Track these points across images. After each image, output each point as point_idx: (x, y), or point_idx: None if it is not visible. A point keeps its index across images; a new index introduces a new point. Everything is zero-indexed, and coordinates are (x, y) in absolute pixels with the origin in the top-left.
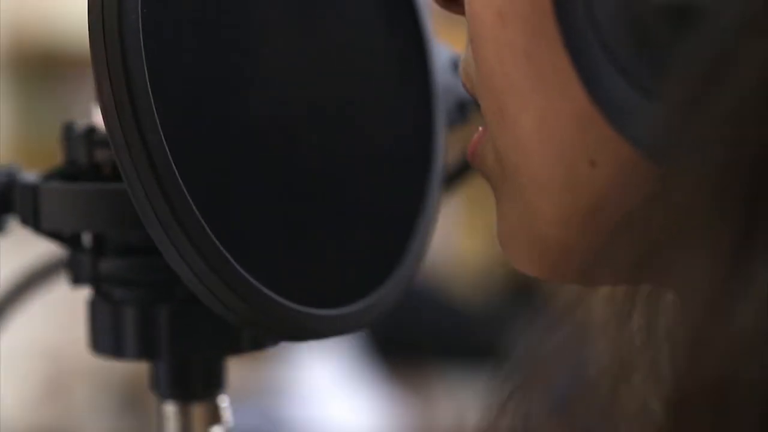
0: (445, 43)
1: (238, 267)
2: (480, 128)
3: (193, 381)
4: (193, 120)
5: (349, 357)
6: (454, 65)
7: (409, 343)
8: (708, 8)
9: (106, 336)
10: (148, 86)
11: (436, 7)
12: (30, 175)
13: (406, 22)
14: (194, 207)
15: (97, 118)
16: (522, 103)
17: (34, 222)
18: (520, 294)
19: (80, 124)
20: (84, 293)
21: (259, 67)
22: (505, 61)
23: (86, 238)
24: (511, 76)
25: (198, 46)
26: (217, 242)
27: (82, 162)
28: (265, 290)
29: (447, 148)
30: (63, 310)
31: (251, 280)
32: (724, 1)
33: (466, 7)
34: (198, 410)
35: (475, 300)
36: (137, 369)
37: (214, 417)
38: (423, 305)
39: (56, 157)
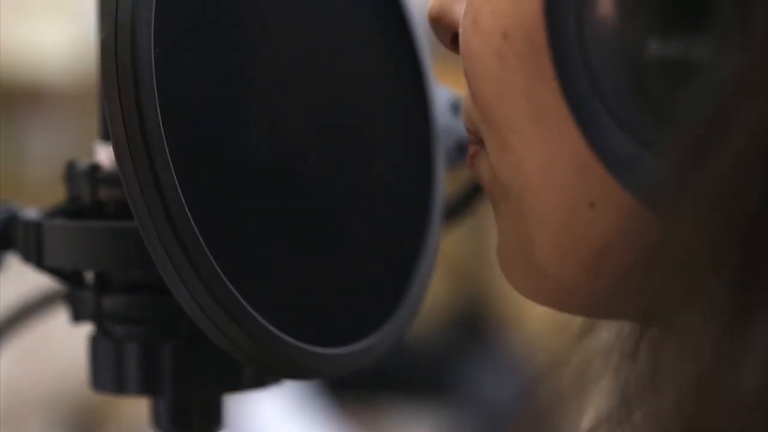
0: (445, 84)
1: (246, 306)
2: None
3: (194, 418)
4: (203, 159)
5: (297, 391)
6: (453, 107)
7: (359, 378)
8: (703, 63)
9: (108, 372)
10: (161, 125)
11: (435, 48)
12: (31, 212)
13: (408, 64)
14: (205, 247)
15: (101, 156)
16: (523, 140)
17: (37, 259)
18: (470, 330)
19: (83, 161)
20: (41, 326)
21: (268, 107)
22: (505, 100)
23: (88, 275)
24: (511, 115)
25: (208, 84)
26: (227, 282)
27: (86, 199)
28: (273, 329)
29: (445, 188)
30: (18, 342)
31: (259, 318)
32: (718, 58)
33: (462, 44)
34: None
35: (426, 335)
36: (90, 400)
37: None
38: None
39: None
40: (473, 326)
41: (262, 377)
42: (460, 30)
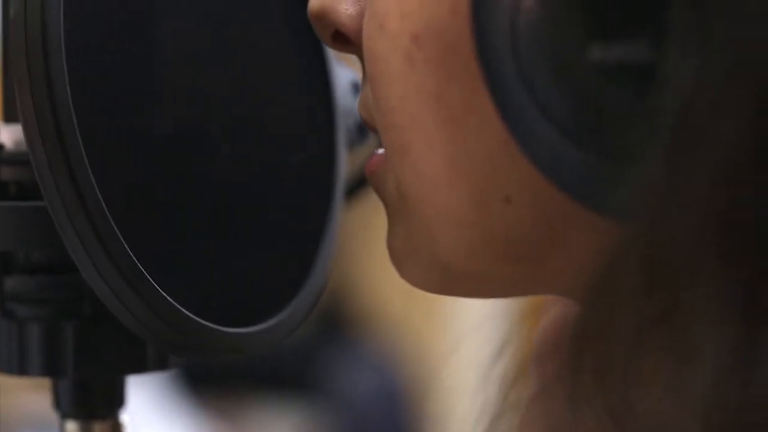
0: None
1: (155, 285)
2: (378, 151)
3: (96, 399)
4: (112, 136)
5: (160, 387)
6: (354, 87)
7: (221, 373)
8: (656, 69)
9: (10, 354)
10: (71, 103)
11: None
12: None
13: (310, 45)
14: (114, 225)
15: (3, 136)
16: (428, 141)
17: None
18: (330, 326)
19: None
20: None
21: (173, 85)
22: (411, 101)
23: None
24: (416, 116)
25: (115, 59)
26: (136, 261)
27: None
28: (180, 308)
29: (347, 167)
30: None
31: (167, 297)
32: (675, 63)
33: (367, 47)
34: (99, 428)
35: None
36: None
37: None
38: None
39: None
40: (334, 321)
41: (165, 358)
42: (365, 34)
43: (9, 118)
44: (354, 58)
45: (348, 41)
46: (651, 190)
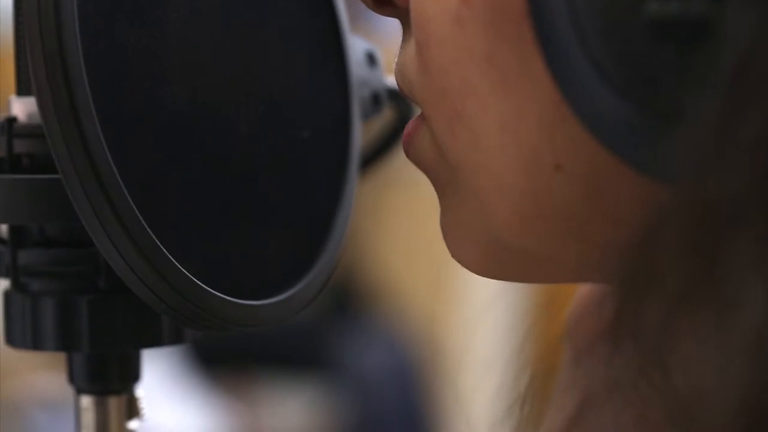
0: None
1: (170, 256)
2: (413, 120)
3: (111, 373)
4: (126, 109)
5: (172, 365)
6: (369, 57)
7: (233, 351)
8: (713, 26)
9: (24, 328)
10: (85, 77)
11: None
12: None
13: (324, 16)
14: (129, 198)
15: (16, 110)
16: (482, 105)
17: None
18: (342, 302)
19: None
20: None
21: (186, 61)
22: (463, 65)
23: (2, 230)
24: (469, 80)
25: (129, 32)
26: (151, 232)
27: (1, 153)
28: (195, 280)
29: (362, 140)
30: None
31: (182, 269)
32: (733, 19)
33: (414, 10)
34: (114, 403)
35: None
36: None
37: (131, 409)
38: None
39: None
40: (344, 298)
41: (180, 331)
42: None
43: (22, 92)
44: (369, 29)
45: (391, 4)
46: (701, 146)
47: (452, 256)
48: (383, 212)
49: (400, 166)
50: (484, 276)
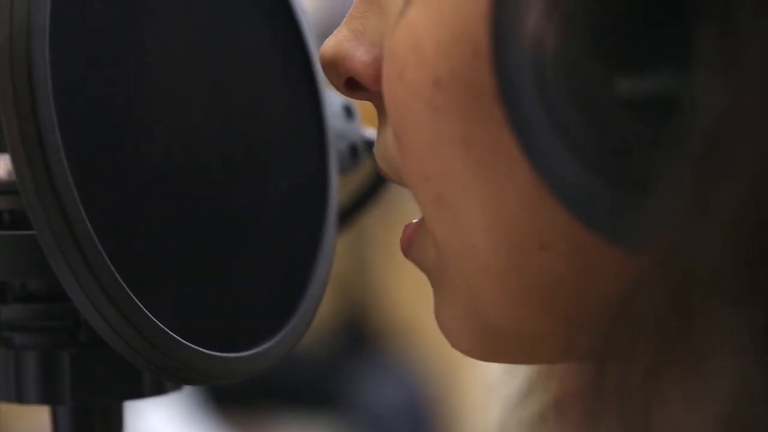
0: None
1: (147, 312)
2: (414, 221)
3: (94, 426)
4: (100, 166)
5: (184, 402)
6: (346, 110)
7: (246, 389)
8: (684, 99)
9: (8, 381)
10: (58, 133)
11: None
12: None
13: (300, 68)
14: (104, 254)
15: None
16: (461, 189)
17: None
18: (354, 340)
19: None
20: None
21: (164, 113)
22: (441, 150)
23: None
24: (448, 164)
25: (102, 89)
26: (127, 288)
27: None
28: (173, 334)
29: (340, 193)
30: None
31: (159, 324)
32: (703, 91)
33: (387, 95)
34: None
35: (310, 346)
36: None
37: None
38: None
39: None
40: (357, 336)
41: (162, 384)
42: (384, 83)
43: (2, 148)
44: None
45: (362, 88)
46: (675, 216)
47: (452, 346)
48: (396, 250)
49: (407, 202)
50: (485, 361)
